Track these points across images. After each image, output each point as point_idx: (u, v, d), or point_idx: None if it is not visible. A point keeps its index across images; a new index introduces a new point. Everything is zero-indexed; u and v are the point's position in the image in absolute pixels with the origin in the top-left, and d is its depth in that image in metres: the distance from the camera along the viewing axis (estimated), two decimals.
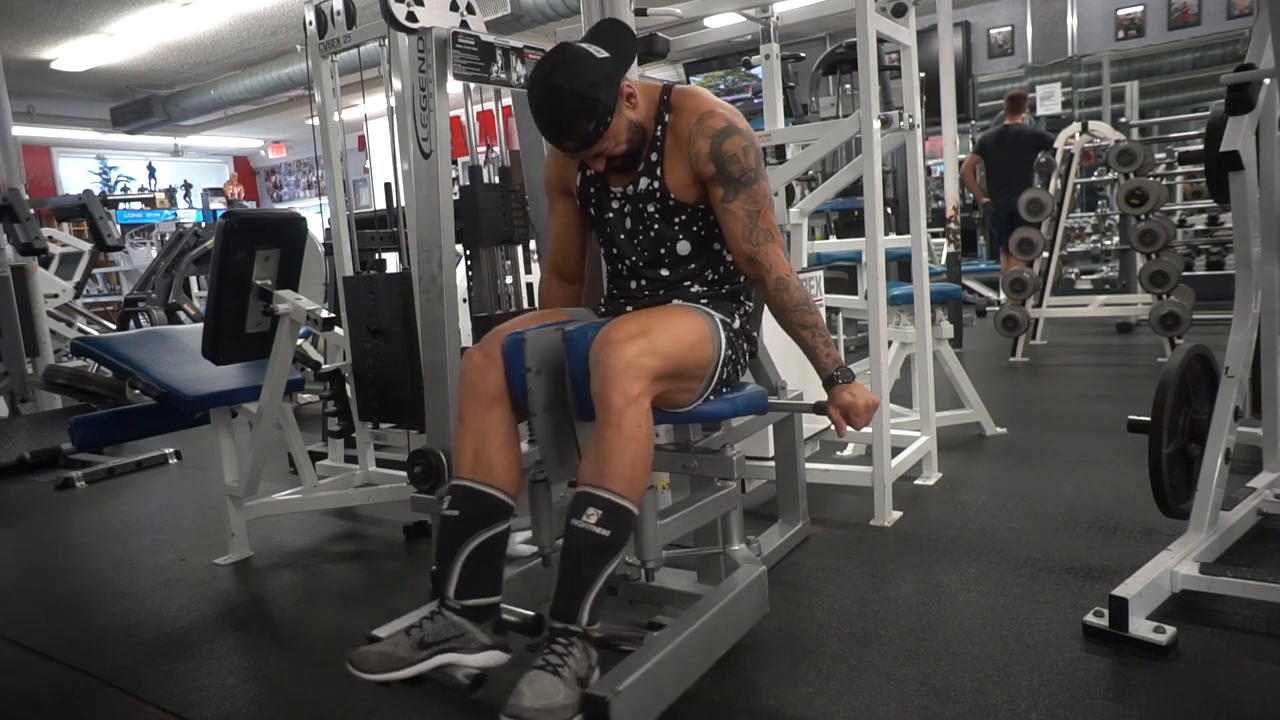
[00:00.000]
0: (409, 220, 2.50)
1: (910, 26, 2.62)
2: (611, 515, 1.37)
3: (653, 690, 1.38)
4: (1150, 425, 2.00)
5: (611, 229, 1.73)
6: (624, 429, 1.38)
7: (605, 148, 1.58)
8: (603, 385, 1.39)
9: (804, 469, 2.39)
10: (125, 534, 2.97)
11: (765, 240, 1.62)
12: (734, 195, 1.60)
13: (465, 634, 1.43)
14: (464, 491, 1.50)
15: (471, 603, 1.45)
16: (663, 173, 1.64)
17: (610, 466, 1.38)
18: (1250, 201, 2.01)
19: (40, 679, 1.93)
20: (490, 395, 1.53)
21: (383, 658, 1.39)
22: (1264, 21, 1.88)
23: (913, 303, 2.85)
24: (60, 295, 5.73)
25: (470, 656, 1.43)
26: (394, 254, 3.22)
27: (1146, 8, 8.07)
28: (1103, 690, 1.53)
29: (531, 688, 1.28)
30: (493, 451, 1.51)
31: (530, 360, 1.49)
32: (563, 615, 1.36)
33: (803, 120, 6.21)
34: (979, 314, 7.21)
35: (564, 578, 1.39)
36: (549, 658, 1.33)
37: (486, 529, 1.47)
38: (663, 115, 1.65)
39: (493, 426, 1.52)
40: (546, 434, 1.52)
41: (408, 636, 1.41)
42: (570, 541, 1.38)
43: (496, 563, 1.50)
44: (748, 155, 1.60)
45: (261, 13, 7.20)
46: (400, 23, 2.05)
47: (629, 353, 1.40)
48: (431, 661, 1.40)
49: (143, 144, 11.83)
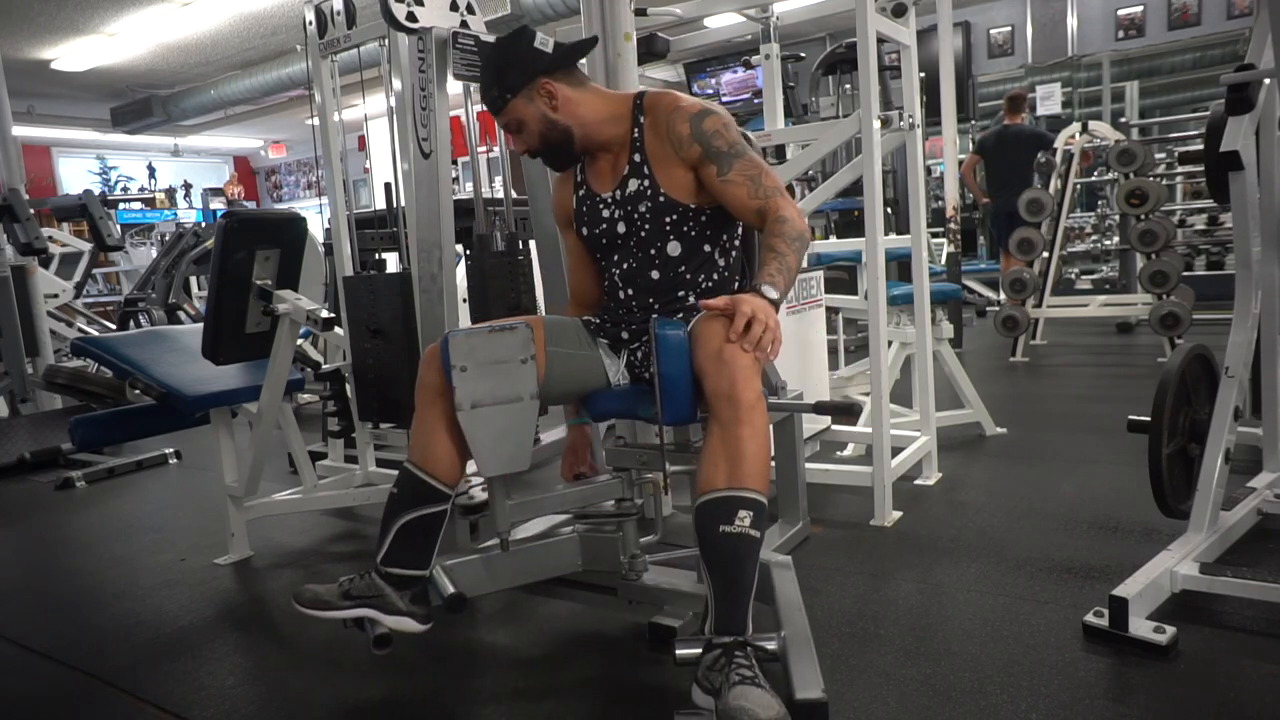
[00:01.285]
0: (409, 220, 2.50)
1: (910, 26, 2.62)
2: (759, 514, 1.38)
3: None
4: (1150, 425, 2.00)
5: (606, 239, 1.75)
6: (757, 425, 1.40)
7: (512, 122, 1.72)
8: (733, 384, 1.38)
9: (804, 469, 2.38)
10: (125, 534, 2.97)
11: (773, 194, 1.62)
12: (728, 167, 1.62)
13: (384, 596, 1.59)
14: (405, 474, 1.63)
15: (394, 571, 1.60)
16: (651, 171, 1.68)
17: (747, 464, 1.38)
18: (1250, 201, 2.01)
19: (40, 679, 1.93)
20: (434, 391, 1.61)
21: (315, 599, 1.62)
22: (1264, 21, 1.87)
23: (913, 303, 2.85)
24: (60, 295, 5.73)
25: (386, 618, 1.59)
26: (394, 254, 3.22)
27: (1146, 8, 8.07)
28: (1103, 690, 1.53)
29: (754, 703, 1.24)
30: (434, 443, 1.61)
31: (455, 359, 1.54)
32: (732, 628, 1.36)
33: (803, 120, 6.21)
34: (979, 314, 7.21)
35: (726, 588, 1.37)
36: (743, 672, 1.30)
37: (416, 509, 1.60)
38: (637, 118, 1.71)
39: (434, 419, 1.61)
40: (474, 429, 1.56)
41: (338, 587, 1.62)
42: (723, 548, 1.36)
43: (425, 541, 1.62)
44: (729, 130, 1.65)
45: (261, 13, 7.20)
46: (400, 23, 2.05)
47: (746, 349, 1.41)
48: (352, 612, 1.60)
49: (143, 144, 11.83)
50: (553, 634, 1.93)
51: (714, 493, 1.39)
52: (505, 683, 1.73)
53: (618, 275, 1.77)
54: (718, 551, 1.37)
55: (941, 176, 6.83)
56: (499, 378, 1.57)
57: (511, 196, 2.88)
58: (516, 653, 1.86)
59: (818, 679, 1.35)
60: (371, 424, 2.95)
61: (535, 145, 1.74)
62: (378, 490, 2.79)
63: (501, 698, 1.67)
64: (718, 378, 1.40)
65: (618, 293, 1.78)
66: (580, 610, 2.00)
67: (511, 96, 1.70)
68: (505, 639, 1.91)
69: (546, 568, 1.84)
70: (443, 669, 1.78)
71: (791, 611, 1.58)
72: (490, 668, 1.80)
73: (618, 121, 1.72)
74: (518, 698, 1.66)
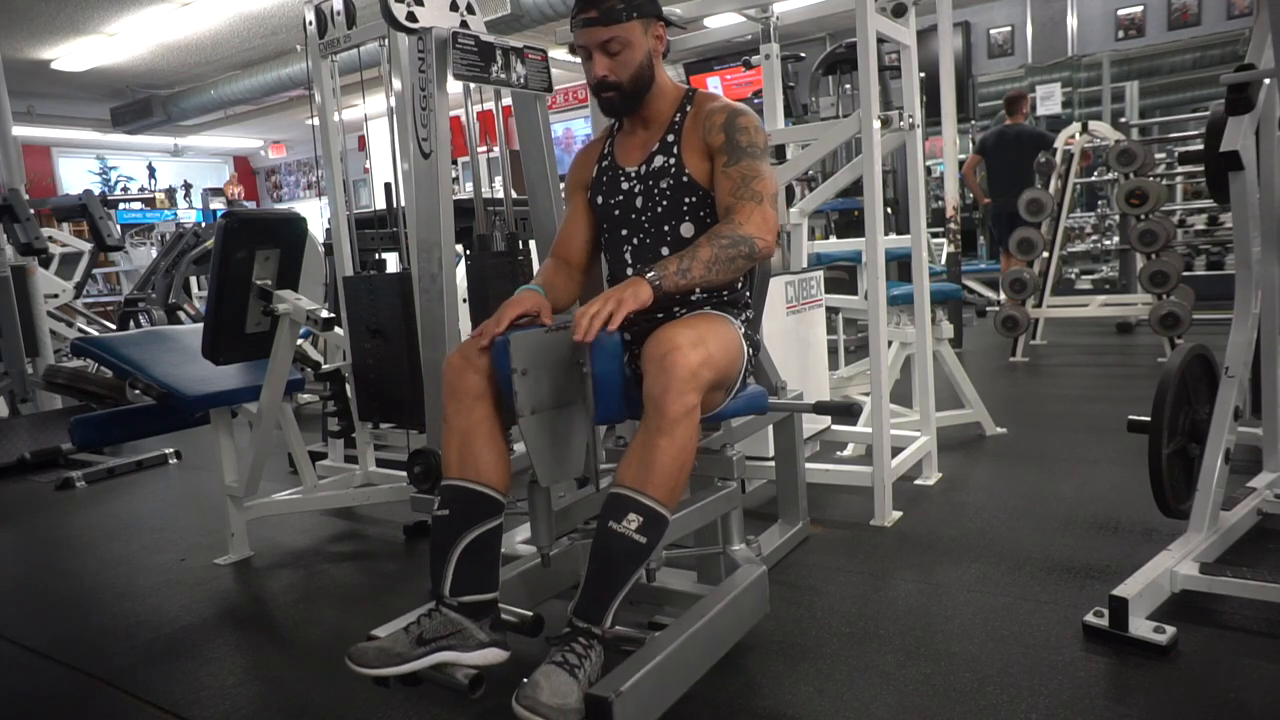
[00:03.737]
0: (409, 220, 2.50)
1: (910, 26, 2.62)
2: (652, 524, 1.38)
3: (655, 691, 1.38)
4: (1150, 425, 2.00)
5: (620, 211, 1.75)
6: (677, 439, 1.38)
7: (619, 40, 1.63)
8: (664, 392, 1.38)
9: (804, 469, 2.39)
10: (125, 534, 2.97)
11: (749, 198, 1.59)
12: (735, 161, 1.63)
13: (463, 631, 1.42)
14: (453, 491, 1.50)
15: (468, 599, 1.44)
16: (679, 151, 1.70)
17: (656, 474, 1.38)
18: (1250, 201, 2.01)
19: (40, 679, 1.93)
20: (471, 395, 1.52)
21: (381, 653, 1.39)
22: (1264, 21, 1.87)
23: (913, 303, 2.85)
24: (60, 295, 5.73)
25: (468, 655, 1.42)
26: (394, 254, 3.22)
27: (1146, 8, 8.07)
28: (1103, 690, 1.53)
29: (549, 683, 1.28)
30: (478, 450, 1.50)
31: (516, 361, 1.46)
32: (587, 616, 1.36)
33: (803, 120, 6.21)
34: (979, 314, 7.21)
35: (593, 579, 1.38)
36: (568, 656, 1.32)
37: (477, 526, 1.47)
38: (684, 107, 1.73)
39: (475, 425, 1.51)
40: (535, 436, 1.50)
41: (406, 634, 1.41)
42: (604, 543, 1.37)
43: (491, 560, 1.49)
44: (758, 134, 1.66)
45: (261, 13, 7.21)
46: (400, 23, 2.05)
47: (693, 362, 1.40)
48: (429, 659, 1.39)
49: (143, 144, 11.84)
50: (553, 634, 1.92)
51: (618, 488, 1.40)
52: (505, 683, 1.73)
53: (628, 252, 1.76)
54: (600, 543, 1.38)
55: (941, 176, 6.82)
56: (557, 380, 1.51)
57: (511, 196, 2.88)
58: (516, 652, 1.85)
59: (628, 681, 1.31)
60: (371, 424, 2.95)
61: (627, 76, 1.66)
62: (378, 490, 2.80)
63: (501, 697, 1.66)
64: (653, 382, 1.40)
65: (625, 270, 1.76)
66: None
67: (637, 16, 1.64)
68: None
69: (571, 575, 1.83)
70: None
71: (691, 618, 1.52)
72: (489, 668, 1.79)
73: (671, 103, 1.74)
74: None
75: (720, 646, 1.59)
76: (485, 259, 2.46)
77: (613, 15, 1.62)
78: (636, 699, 1.32)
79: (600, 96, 1.70)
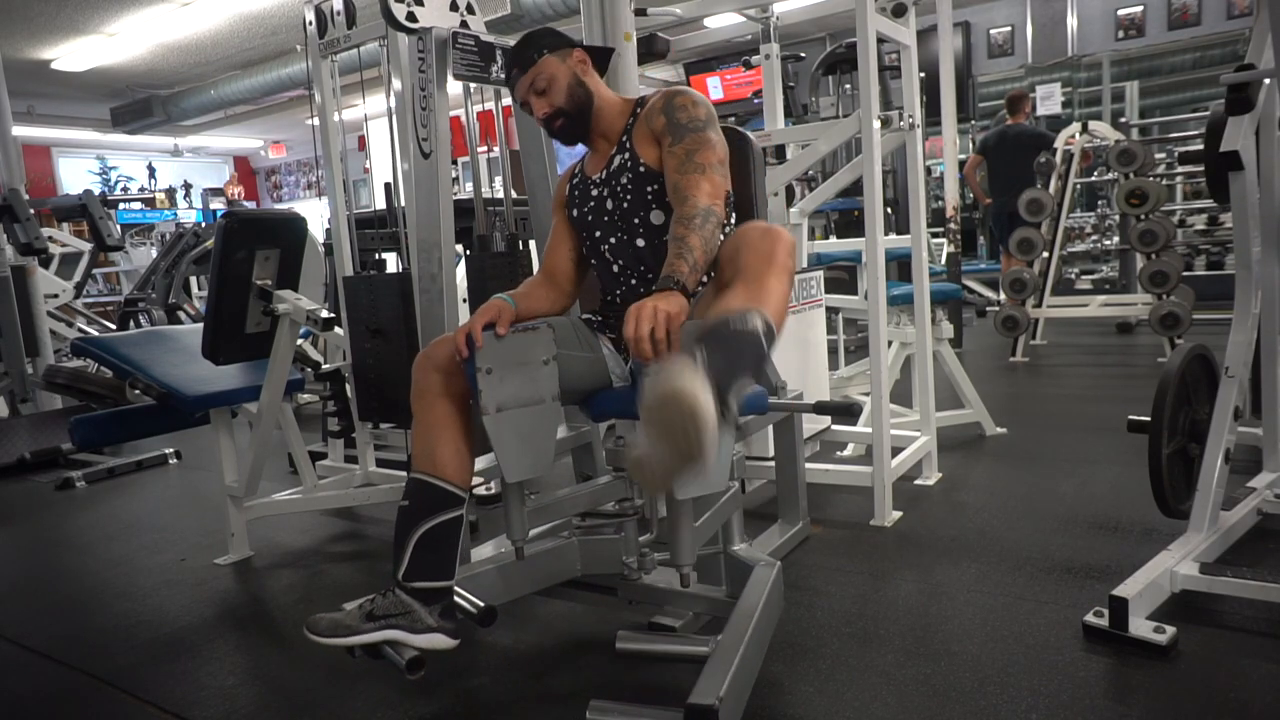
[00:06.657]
0: (409, 220, 2.50)
1: (910, 26, 2.62)
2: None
3: (739, 694, 1.39)
4: (1150, 425, 2.00)
5: (593, 216, 1.82)
6: (784, 282, 1.43)
7: (542, 78, 1.75)
8: (774, 244, 1.44)
9: (804, 469, 2.39)
10: (125, 534, 2.97)
11: (693, 170, 1.61)
12: (679, 140, 1.66)
13: (412, 613, 1.50)
14: (414, 484, 1.58)
15: (420, 585, 1.52)
16: (632, 145, 1.77)
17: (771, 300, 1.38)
18: (1250, 201, 2.01)
19: (40, 679, 1.93)
20: (432, 392, 1.59)
21: (333, 624, 1.51)
22: (1264, 21, 1.87)
23: (913, 303, 2.85)
24: (60, 295, 5.73)
25: (415, 637, 1.49)
26: (394, 254, 3.22)
27: (1146, 8, 8.07)
28: (1103, 690, 1.53)
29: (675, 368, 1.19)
30: (440, 446, 1.57)
31: (481, 361, 1.52)
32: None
33: (803, 120, 6.21)
34: (979, 314, 7.21)
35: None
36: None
37: (433, 517, 1.54)
38: (635, 111, 1.81)
39: (436, 422, 1.59)
40: (500, 433, 1.54)
41: (359, 609, 1.51)
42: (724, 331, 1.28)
43: (447, 550, 1.56)
44: (696, 108, 1.69)
45: (261, 13, 7.21)
46: (400, 23, 2.06)
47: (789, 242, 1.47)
48: (377, 635, 1.48)
49: (143, 144, 11.84)
50: (552, 634, 1.93)
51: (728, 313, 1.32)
52: (505, 683, 1.73)
53: (607, 251, 1.81)
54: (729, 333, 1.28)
55: (941, 176, 6.83)
56: (523, 380, 1.55)
57: (511, 196, 2.89)
58: (516, 653, 1.86)
59: (723, 687, 1.31)
60: (371, 424, 2.95)
61: (561, 103, 1.77)
62: (378, 490, 2.80)
63: (501, 697, 1.67)
64: (763, 241, 1.45)
65: (610, 268, 1.82)
66: (580, 610, 2.00)
67: (547, 53, 1.76)
68: (505, 639, 1.91)
69: (556, 572, 1.82)
70: (442, 669, 1.78)
71: (741, 621, 1.52)
72: (490, 668, 1.80)
73: (622, 113, 1.83)
74: (517, 698, 1.67)
75: (765, 646, 1.59)
76: (485, 259, 2.47)
77: (527, 62, 1.77)
78: (732, 703, 1.34)
79: (553, 130, 1.82)
